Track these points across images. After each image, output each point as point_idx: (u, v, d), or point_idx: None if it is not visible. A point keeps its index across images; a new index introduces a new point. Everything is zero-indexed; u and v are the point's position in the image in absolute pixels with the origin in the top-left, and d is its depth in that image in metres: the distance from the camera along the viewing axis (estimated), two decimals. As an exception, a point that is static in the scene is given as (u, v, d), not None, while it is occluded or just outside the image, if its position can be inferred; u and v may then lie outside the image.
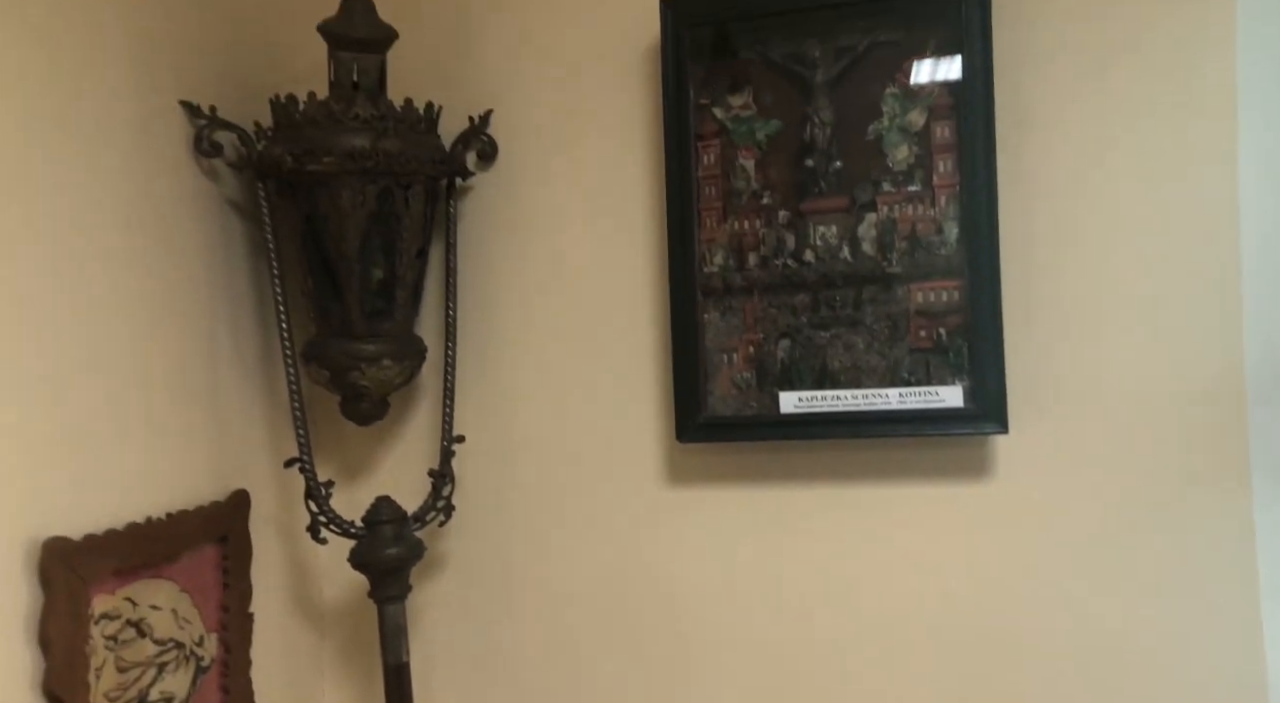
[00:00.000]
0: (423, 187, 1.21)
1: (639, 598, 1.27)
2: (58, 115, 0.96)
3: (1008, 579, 1.16)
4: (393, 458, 1.34)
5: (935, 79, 1.15)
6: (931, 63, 1.15)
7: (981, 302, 1.12)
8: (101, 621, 0.95)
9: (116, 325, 1.02)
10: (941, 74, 1.15)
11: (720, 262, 1.22)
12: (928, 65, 1.15)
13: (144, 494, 1.04)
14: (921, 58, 1.15)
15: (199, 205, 1.17)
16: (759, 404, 1.20)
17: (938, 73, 1.15)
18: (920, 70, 1.16)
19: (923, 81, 1.15)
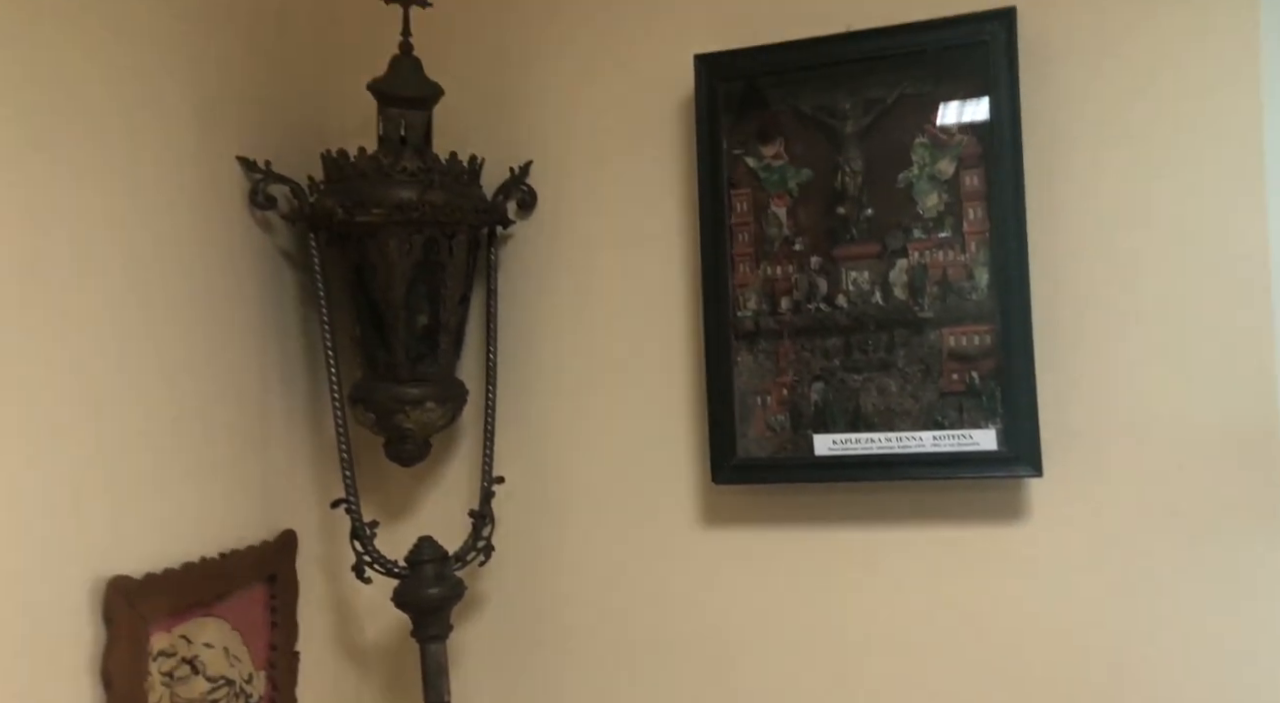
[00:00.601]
0: (466, 235, 1.26)
1: (675, 639, 1.29)
2: (126, 169, 1.01)
3: (1043, 622, 1.16)
4: (434, 498, 1.37)
5: (964, 130, 1.18)
6: (959, 114, 1.18)
7: (1013, 346, 1.14)
8: (159, 658, 0.99)
9: (177, 372, 1.07)
10: (970, 124, 1.17)
11: (753, 306, 1.25)
12: (956, 116, 1.18)
13: (198, 534, 1.08)
14: (949, 109, 1.18)
15: (253, 256, 1.22)
16: (793, 446, 1.22)
17: (965, 123, 1.18)
18: (948, 121, 1.19)
19: (951, 132, 1.18)
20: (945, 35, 1.17)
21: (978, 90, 1.17)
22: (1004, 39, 1.15)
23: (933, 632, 1.20)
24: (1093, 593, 1.15)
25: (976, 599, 1.19)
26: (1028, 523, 1.17)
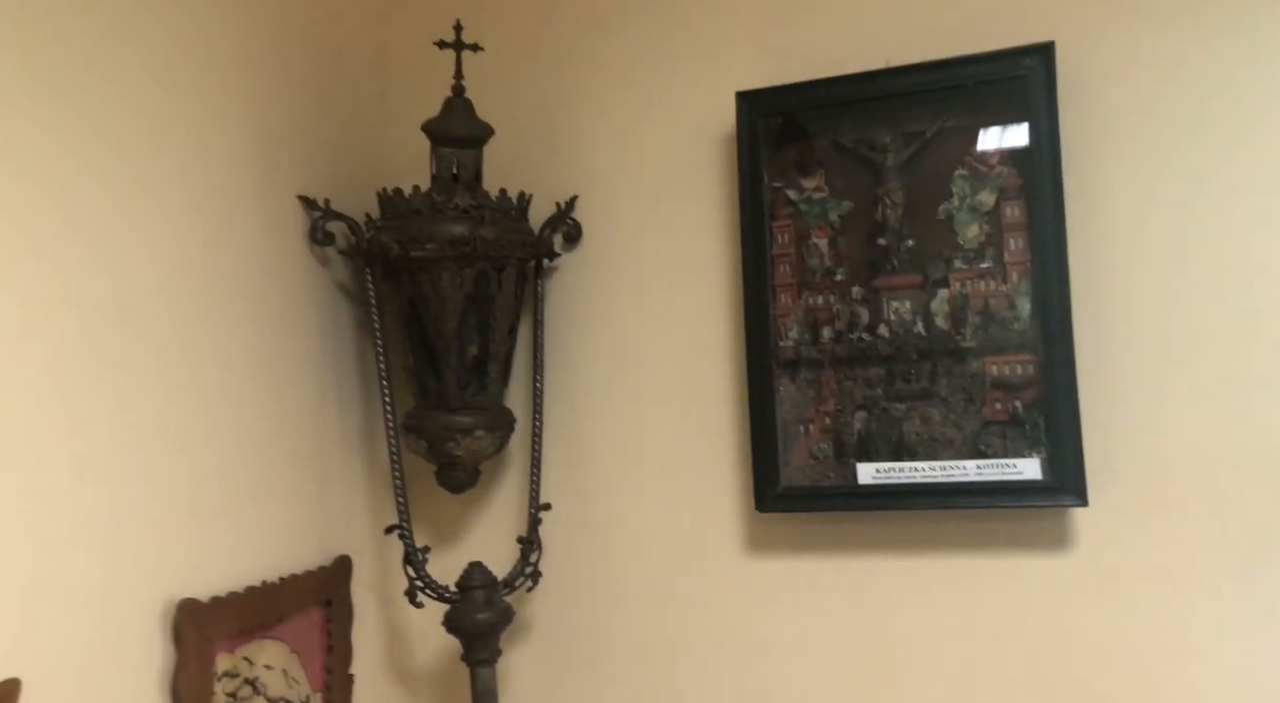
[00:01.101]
0: (514, 268, 1.30)
1: (720, 665, 1.30)
2: (198, 209, 1.07)
3: (1090, 651, 1.16)
4: (483, 525, 1.40)
5: (1004, 161, 1.19)
6: (999, 146, 1.20)
7: (1056, 375, 1.14)
8: (224, 678, 1.03)
9: (243, 402, 1.12)
10: (1009, 156, 1.19)
11: (795, 335, 1.27)
12: (996, 148, 1.20)
13: (260, 559, 1.12)
14: (989, 140, 1.20)
15: (312, 289, 1.28)
16: (836, 475, 1.23)
17: (1006, 154, 1.19)
18: (987, 149, 1.20)
19: (991, 164, 1.20)
20: (984, 70, 1.20)
21: (1017, 123, 1.18)
22: (1043, 73, 1.17)
23: (978, 661, 1.20)
24: (1140, 622, 1.14)
25: (1022, 629, 1.18)
26: (1074, 553, 1.17)
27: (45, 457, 0.85)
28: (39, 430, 0.85)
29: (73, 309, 0.89)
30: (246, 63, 1.17)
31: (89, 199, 0.92)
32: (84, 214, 0.91)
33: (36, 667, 0.81)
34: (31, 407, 0.84)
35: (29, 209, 0.85)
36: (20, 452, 0.83)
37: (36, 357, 0.85)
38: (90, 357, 0.91)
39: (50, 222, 0.88)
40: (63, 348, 0.88)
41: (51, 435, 0.86)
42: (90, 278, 0.92)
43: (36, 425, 0.85)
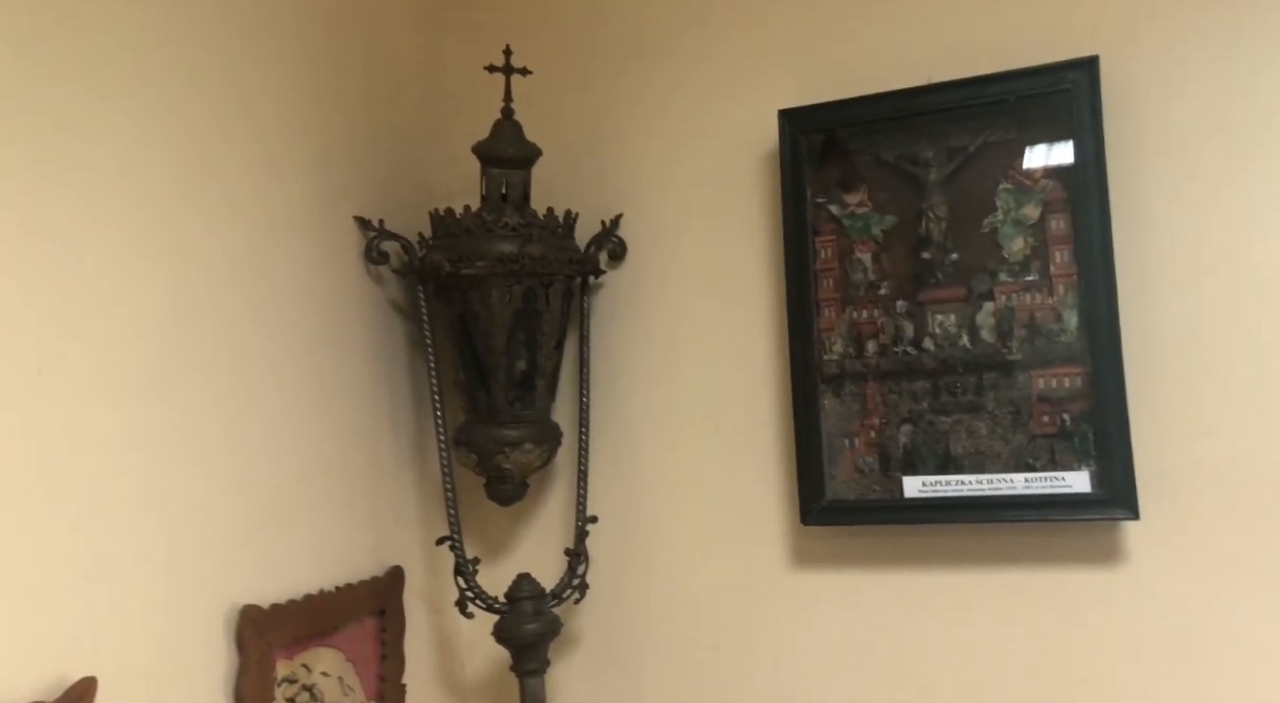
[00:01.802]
0: (561, 285, 1.33)
1: (765, 678, 1.30)
2: (259, 231, 1.11)
3: (1140, 667, 1.14)
4: (531, 537, 1.43)
5: (1048, 175, 1.19)
6: (1044, 160, 1.20)
7: (1105, 388, 1.14)
8: (283, 683, 1.06)
9: (301, 416, 1.15)
10: (1054, 170, 1.19)
11: (840, 349, 1.27)
12: (1040, 162, 1.20)
13: (316, 569, 1.15)
14: (1034, 155, 1.21)
15: (367, 307, 1.32)
16: (882, 488, 1.24)
17: (1050, 168, 1.19)
18: (1033, 166, 1.21)
19: (1035, 178, 1.20)
20: (1027, 84, 1.20)
21: (1061, 137, 1.19)
22: (1087, 86, 1.17)
23: (1026, 677, 1.18)
24: (1193, 639, 1.12)
25: (1072, 645, 1.17)
26: (1125, 567, 1.16)
27: (119, 472, 0.89)
28: (115, 447, 0.89)
29: (143, 325, 0.93)
30: (305, 93, 1.21)
31: (163, 218, 0.97)
32: (159, 232, 0.96)
33: (111, 667, 0.84)
34: (108, 424, 0.89)
35: (102, 232, 0.90)
36: (98, 467, 0.87)
37: (111, 375, 0.89)
38: (160, 374, 0.95)
39: (133, 243, 0.92)
40: (136, 366, 0.92)
41: (125, 451, 0.90)
42: (162, 293, 0.96)
43: (113, 442, 0.89)
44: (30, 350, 0.81)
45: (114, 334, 0.90)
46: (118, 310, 0.90)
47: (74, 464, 0.84)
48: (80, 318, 0.87)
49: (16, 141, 0.81)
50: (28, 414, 0.81)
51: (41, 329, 0.83)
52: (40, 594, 0.80)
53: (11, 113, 0.81)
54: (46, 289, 0.83)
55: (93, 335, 0.88)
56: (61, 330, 0.85)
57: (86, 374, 0.87)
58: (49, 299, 0.84)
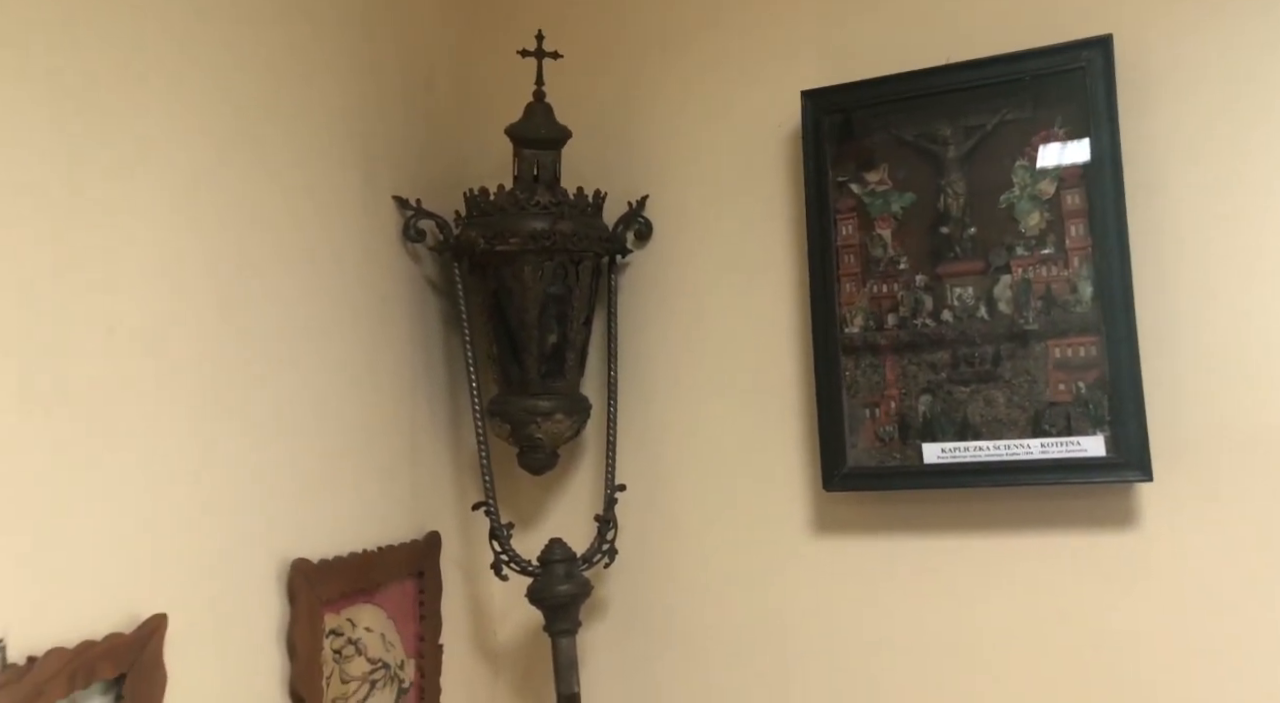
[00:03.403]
0: (591, 262, 1.38)
1: (787, 641, 1.34)
2: (304, 211, 1.17)
3: (1154, 628, 1.17)
4: (561, 506, 1.48)
5: (1064, 156, 1.23)
6: (1060, 139, 1.23)
7: (1119, 355, 1.17)
8: (330, 635, 1.11)
9: (344, 386, 1.21)
10: (1071, 150, 1.23)
11: (860, 322, 1.32)
12: (1056, 141, 1.24)
13: (359, 529, 1.21)
14: (1050, 132, 1.24)
15: (404, 283, 1.37)
16: (902, 456, 1.28)
17: (1066, 149, 1.23)
18: (1049, 147, 1.24)
19: (1051, 159, 1.24)
20: (1043, 63, 1.24)
21: (1077, 112, 1.22)
22: (1101, 64, 1.21)
23: (1042, 638, 1.22)
24: (1205, 599, 1.15)
25: (1087, 606, 1.20)
26: (1139, 528, 1.19)
27: (183, 431, 0.95)
28: (178, 407, 0.94)
29: (197, 298, 0.99)
30: (344, 77, 1.27)
31: (217, 197, 1.02)
32: (212, 211, 1.01)
33: (178, 609, 0.90)
34: (173, 385, 0.94)
35: (159, 207, 0.95)
36: (163, 426, 0.93)
37: (172, 343, 0.94)
38: (215, 345, 1.00)
39: (184, 218, 0.98)
40: (194, 336, 0.97)
41: (188, 412, 0.96)
42: (214, 268, 1.01)
43: (176, 403, 0.94)
44: (100, 313, 0.87)
45: (171, 305, 0.95)
46: (172, 282, 0.95)
47: (143, 423, 0.90)
48: (140, 286, 0.92)
49: (71, 123, 0.86)
50: (103, 372, 0.86)
51: (107, 296, 0.88)
52: (118, 539, 0.86)
53: (63, 97, 0.86)
54: (107, 260, 0.88)
55: (153, 303, 0.93)
56: (126, 297, 0.90)
57: (150, 339, 0.92)
58: (112, 269, 0.89)
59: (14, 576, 0.76)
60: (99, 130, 0.88)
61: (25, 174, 0.81)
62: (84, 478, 0.83)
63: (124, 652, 0.82)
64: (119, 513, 0.86)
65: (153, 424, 0.91)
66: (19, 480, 0.78)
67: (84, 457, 0.84)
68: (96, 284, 0.87)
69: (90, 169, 0.87)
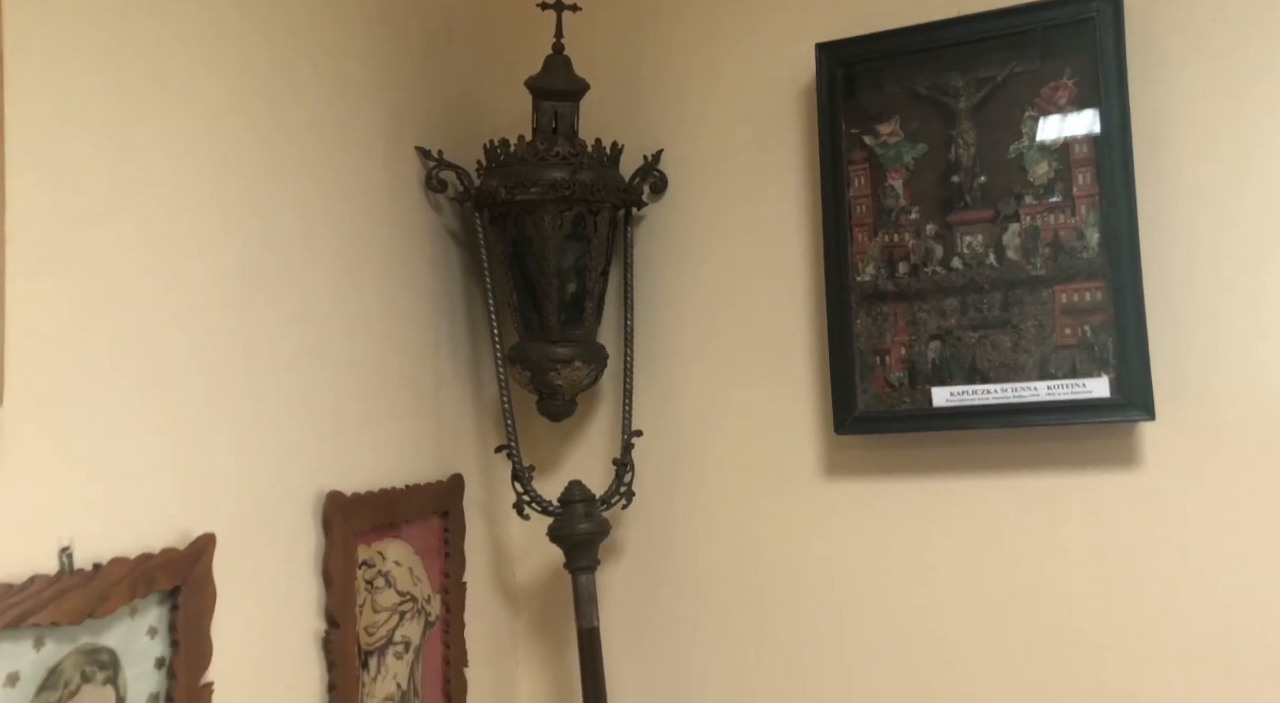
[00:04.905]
0: (608, 214, 1.41)
1: (797, 579, 1.39)
2: (332, 161, 1.20)
3: (1156, 565, 1.22)
4: (579, 451, 1.52)
5: (1072, 103, 1.26)
6: (1069, 90, 1.26)
7: (1125, 299, 1.21)
8: (362, 566, 1.16)
9: (371, 328, 1.25)
10: (1078, 97, 1.26)
11: (872, 271, 1.35)
12: (1065, 91, 1.27)
13: (388, 466, 1.25)
14: (1059, 83, 1.27)
15: (427, 234, 1.40)
16: (911, 400, 1.32)
17: (1074, 96, 1.26)
18: (1058, 95, 1.27)
19: (1060, 105, 1.27)
20: (1052, 14, 1.27)
21: (1085, 63, 1.25)
22: (1111, 15, 1.23)
23: (1048, 575, 1.27)
24: (1206, 537, 1.20)
25: (1090, 544, 1.25)
26: (1142, 468, 1.23)
27: (229, 369, 0.99)
28: (226, 347, 0.99)
29: (233, 244, 1.02)
30: (370, 30, 1.30)
31: (243, 151, 1.05)
32: (240, 164, 1.04)
33: (224, 530, 0.94)
34: (222, 328, 0.99)
35: (208, 155, 0.99)
36: (214, 364, 0.97)
37: (217, 288, 0.98)
38: (259, 291, 1.04)
39: (221, 166, 1.01)
40: (227, 279, 1.01)
41: (232, 351, 1.00)
42: (251, 229, 1.04)
43: (224, 343, 0.99)
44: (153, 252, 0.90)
45: (218, 248, 0.99)
46: (219, 229, 0.99)
47: (192, 357, 0.94)
48: (189, 230, 0.95)
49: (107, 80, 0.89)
50: (158, 310, 0.90)
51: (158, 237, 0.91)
52: (170, 464, 0.90)
53: (101, 56, 0.89)
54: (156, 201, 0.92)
55: (202, 245, 0.97)
56: (176, 240, 0.93)
57: (201, 280, 0.96)
58: (162, 212, 0.92)
59: (77, 491, 0.80)
60: (135, 74, 0.91)
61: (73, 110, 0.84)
62: (140, 407, 0.88)
63: (178, 565, 0.86)
64: (172, 439, 0.91)
65: (200, 359, 0.95)
66: (85, 406, 0.82)
67: (141, 388, 0.88)
68: (148, 222, 0.90)
69: (129, 113, 0.90)
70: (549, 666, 1.51)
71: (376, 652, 1.17)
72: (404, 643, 1.23)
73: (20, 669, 0.72)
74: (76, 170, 0.83)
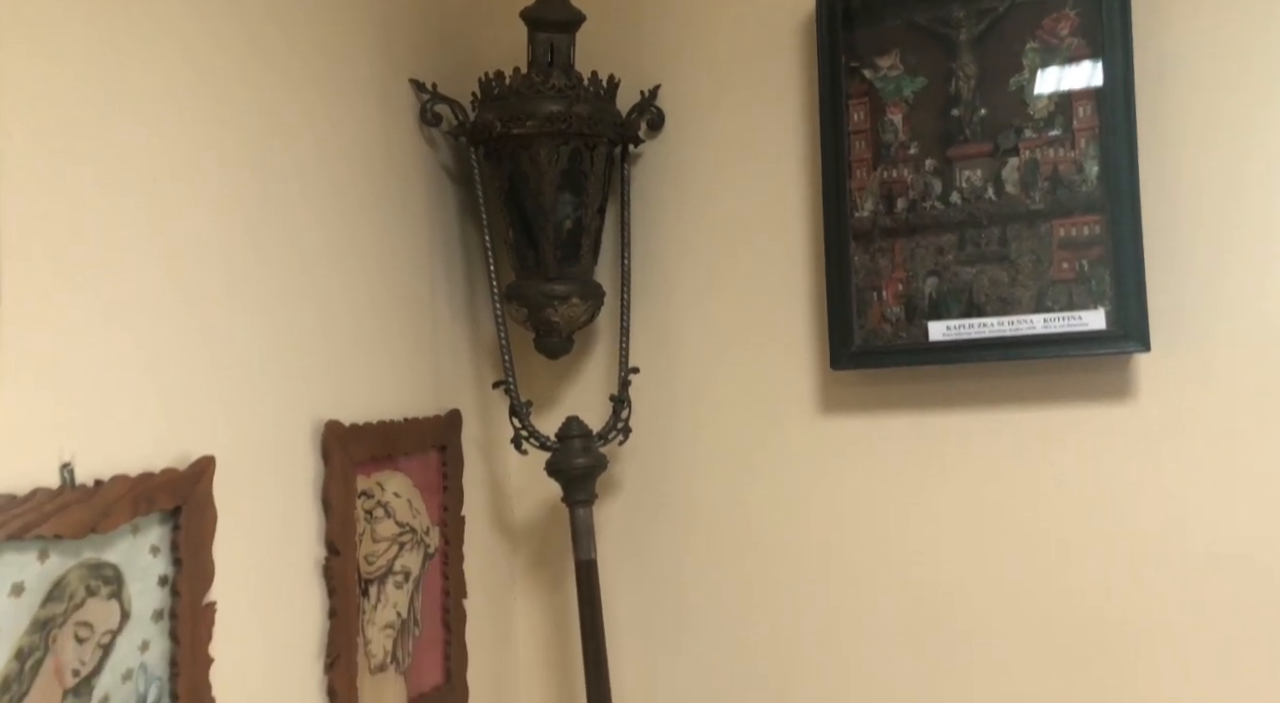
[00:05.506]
0: (604, 149, 1.40)
1: (793, 516, 1.40)
2: (325, 95, 1.18)
3: (1149, 497, 1.23)
4: (576, 390, 1.52)
5: (1073, 33, 1.25)
6: (1071, 21, 1.25)
7: (1123, 232, 1.21)
8: (361, 496, 1.16)
9: (367, 262, 1.24)
10: (1079, 28, 1.24)
11: (870, 207, 1.34)
12: (1067, 22, 1.25)
13: (384, 401, 1.25)
14: (1060, 14, 1.26)
15: (422, 169, 1.39)
16: (908, 335, 1.32)
17: (1076, 27, 1.25)
18: (1059, 27, 1.26)
19: (1061, 37, 1.25)
20: (1057, -58, 1.25)
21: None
22: (1114, -59, 1.21)
23: (1044, 508, 1.28)
24: (1200, 467, 1.21)
25: (1084, 475, 1.26)
26: (1136, 401, 1.24)
27: (229, 295, 0.99)
28: (219, 277, 0.98)
29: (231, 177, 1.01)
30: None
31: (233, 84, 1.03)
32: (230, 97, 1.02)
33: (225, 455, 0.95)
34: (219, 257, 0.98)
35: (194, 93, 0.97)
36: (214, 289, 0.97)
37: (200, 216, 0.97)
38: (253, 223, 1.03)
39: (207, 103, 0.99)
40: (221, 210, 1.00)
41: (226, 281, 0.99)
42: (244, 164, 1.03)
43: (223, 269, 0.99)
44: (145, 182, 0.89)
45: (210, 178, 0.98)
46: (211, 157, 0.98)
47: (192, 282, 0.94)
48: (182, 161, 0.94)
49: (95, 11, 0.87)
50: (151, 238, 0.90)
51: (150, 165, 0.90)
52: (169, 385, 0.91)
53: None
54: (147, 130, 0.91)
55: (194, 175, 0.96)
56: (169, 169, 0.93)
57: (193, 211, 0.95)
58: (152, 141, 0.91)
59: (75, 409, 0.80)
60: (122, 4, 0.89)
61: (63, 37, 0.82)
62: (134, 330, 0.87)
63: (179, 485, 0.87)
64: (168, 363, 0.91)
65: (192, 285, 0.94)
66: (80, 327, 0.82)
67: (135, 311, 0.88)
68: (140, 152, 0.89)
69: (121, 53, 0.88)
70: (547, 598, 1.53)
71: (377, 581, 1.19)
72: (403, 573, 1.24)
73: (25, 580, 0.73)
74: (67, 96, 0.82)
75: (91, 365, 0.82)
